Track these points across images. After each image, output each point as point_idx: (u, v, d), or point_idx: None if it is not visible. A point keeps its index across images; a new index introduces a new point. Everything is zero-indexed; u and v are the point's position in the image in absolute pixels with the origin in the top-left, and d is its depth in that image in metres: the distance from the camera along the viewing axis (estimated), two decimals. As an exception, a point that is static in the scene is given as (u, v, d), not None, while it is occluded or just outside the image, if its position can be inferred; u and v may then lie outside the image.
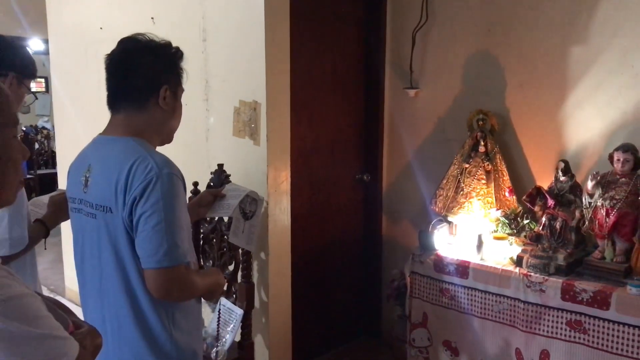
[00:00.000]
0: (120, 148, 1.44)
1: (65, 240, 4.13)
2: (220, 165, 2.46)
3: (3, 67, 1.74)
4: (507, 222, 2.62)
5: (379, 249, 3.42)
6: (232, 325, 2.22)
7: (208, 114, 2.81)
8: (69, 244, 2.19)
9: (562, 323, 2.18)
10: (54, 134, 5.09)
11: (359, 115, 3.31)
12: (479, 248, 2.46)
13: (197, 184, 2.46)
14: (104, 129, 1.53)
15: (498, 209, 2.62)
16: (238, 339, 2.37)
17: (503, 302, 2.35)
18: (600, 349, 2.10)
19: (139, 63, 1.47)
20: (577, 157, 2.57)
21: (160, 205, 1.35)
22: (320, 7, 2.99)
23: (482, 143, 2.68)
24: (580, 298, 2.12)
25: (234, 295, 2.41)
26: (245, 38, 2.55)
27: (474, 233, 2.51)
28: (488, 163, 2.65)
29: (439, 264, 2.53)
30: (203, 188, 2.41)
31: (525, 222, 2.58)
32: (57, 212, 1.82)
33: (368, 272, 3.45)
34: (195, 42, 2.77)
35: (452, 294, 2.50)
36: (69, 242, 2.14)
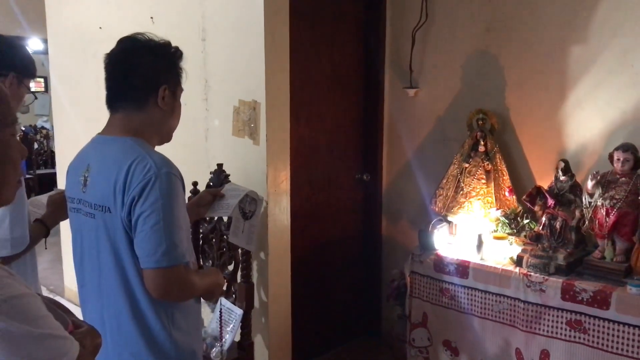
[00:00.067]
0: (119, 148, 1.44)
1: (65, 240, 4.12)
2: (220, 165, 2.46)
3: (3, 67, 1.74)
4: (507, 221, 2.62)
5: (379, 249, 3.42)
6: (231, 325, 2.22)
7: (207, 114, 2.81)
8: (68, 244, 2.19)
9: (562, 323, 2.18)
10: (53, 134, 5.09)
11: (359, 115, 3.31)
12: (479, 248, 2.46)
13: (196, 184, 2.46)
14: (103, 129, 1.53)
15: (498, 209, 2.62)
16: (238, 339, 2.37)
17: (503, 301, 2.35)
18: (600, 349, 2.10)
19: (138, 63, 1.47)
20: (577, 156, 2.57)
21: (159, 205, 1.35)
22: (320, 6, 2.98)
23: (482, 142, 2.67)
24: (580, 298, 2.12)
25: (234, 295, 2.40)
26: (245, 38, 2.55)
27: (474, 233, 2.51)
28: (488, 163, 2.65)
29: (439, 264, 2.53)
30: (202, 188, 2.41)
31: (525, 221, 2.58)
32: (56, 211, 1.82)
33: (368, 272, 3.44)
34: (195, 41, 2.77)
35: (452, 294, 2.50)
36: (68, 242, 2.14)
